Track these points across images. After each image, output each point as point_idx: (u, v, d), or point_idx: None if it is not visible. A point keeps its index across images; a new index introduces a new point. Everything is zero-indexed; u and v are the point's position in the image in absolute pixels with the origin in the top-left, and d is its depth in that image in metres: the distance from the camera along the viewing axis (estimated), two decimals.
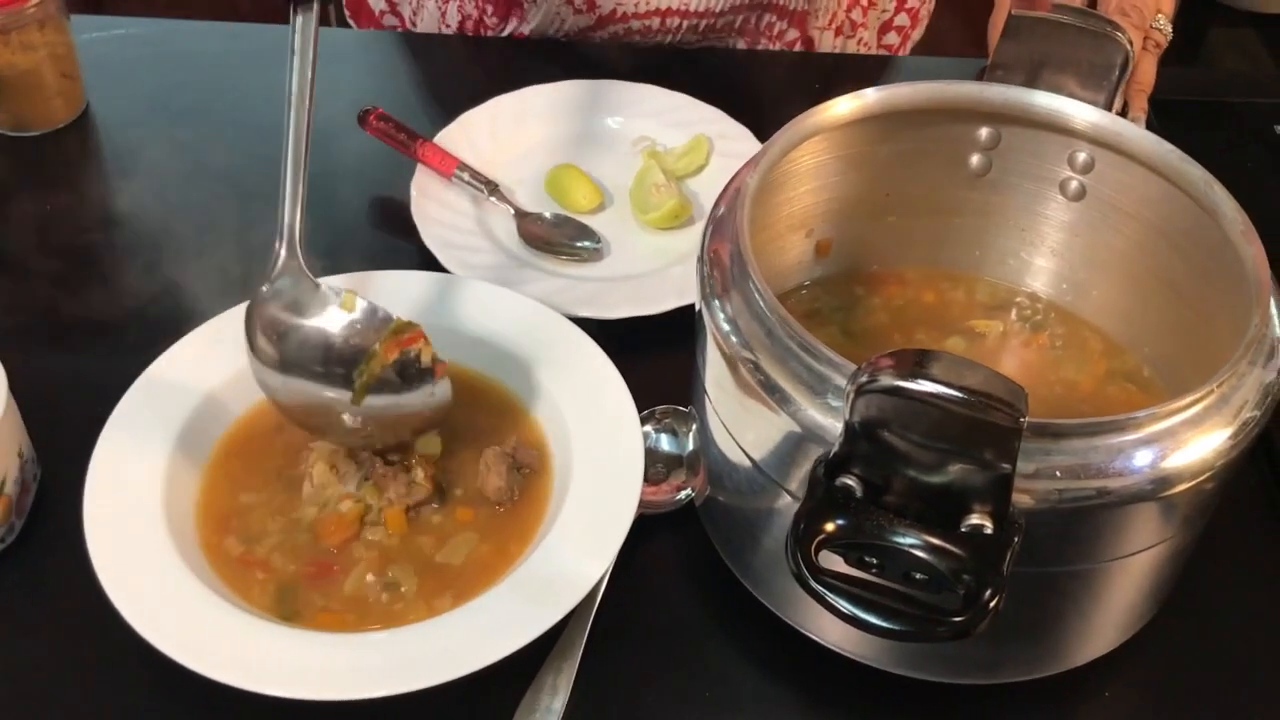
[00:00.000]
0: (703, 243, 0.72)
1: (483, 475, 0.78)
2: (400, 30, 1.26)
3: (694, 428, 0.77)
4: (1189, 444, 0.61)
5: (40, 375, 0.83)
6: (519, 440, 0.80)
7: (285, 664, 0.68)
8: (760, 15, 1.19)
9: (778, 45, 1.22)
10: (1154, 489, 0.61)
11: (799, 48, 1.22)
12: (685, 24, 1.16)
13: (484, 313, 0.85)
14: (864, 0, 1.23)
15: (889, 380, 0.56)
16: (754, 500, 0.70)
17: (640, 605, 0.76)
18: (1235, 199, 0.70)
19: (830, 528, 0.59)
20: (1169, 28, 0.97)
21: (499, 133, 1.04)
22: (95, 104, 1.09)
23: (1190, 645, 0.76)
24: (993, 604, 0.56)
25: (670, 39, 1.17)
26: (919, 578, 0.59)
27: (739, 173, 0.75)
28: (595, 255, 0.96)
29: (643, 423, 0.79)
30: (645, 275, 0.95)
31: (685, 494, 0.80)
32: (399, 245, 0.97)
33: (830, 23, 1.22)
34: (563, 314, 0.86)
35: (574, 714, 0.70)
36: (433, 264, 0.92)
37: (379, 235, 1.00)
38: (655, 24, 1.15)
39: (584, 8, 1.14)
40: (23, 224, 1.00)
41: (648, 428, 0.82)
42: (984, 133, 0.79)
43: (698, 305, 0.71)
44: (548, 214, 0.99)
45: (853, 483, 0.59)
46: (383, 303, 0.77)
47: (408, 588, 0.74)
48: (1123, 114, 0.81)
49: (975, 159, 0.81)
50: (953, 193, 0.82)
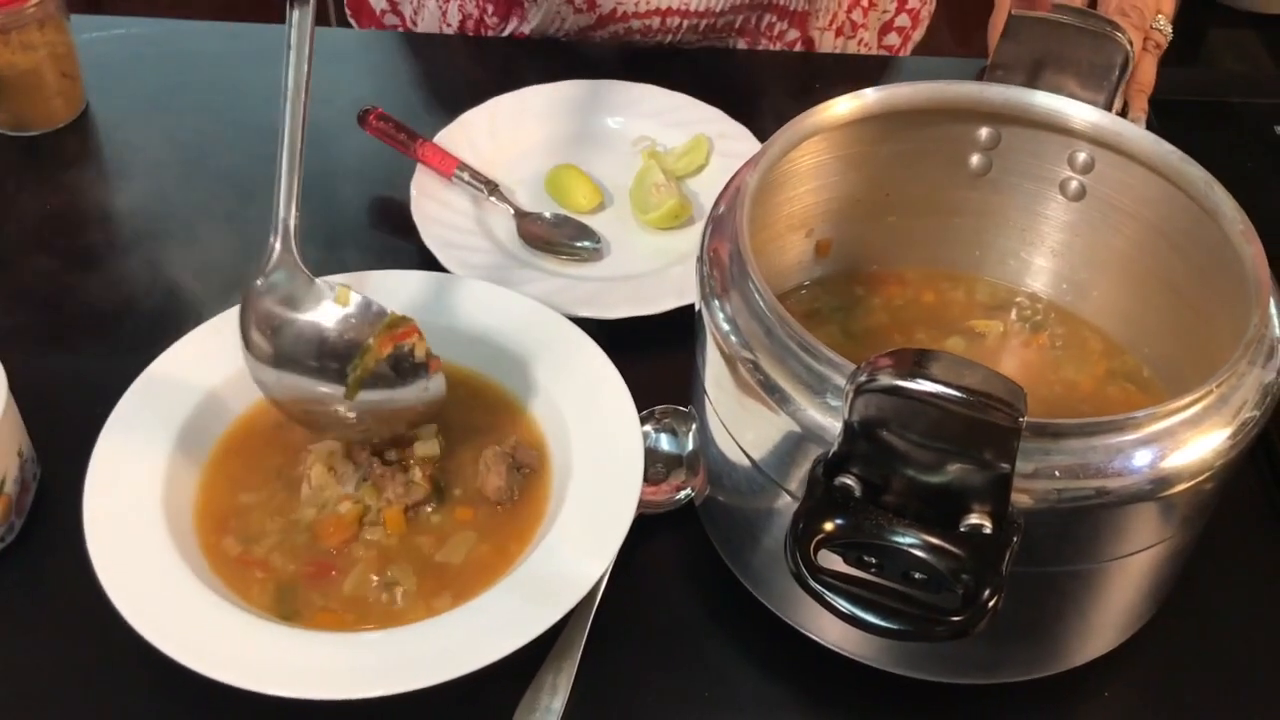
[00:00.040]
0: (702, 242, 0.72)
1: (482, 475, 0.78)
2: (401, 30, 1.26)
3: (693, 427, 0.77)
4: (1188, 444, 0.61)
5: (40, 375, 0.83)
6: (518, 440, 0.80)
7: (285, 663, 0.68)
8: (760, 15, 1.19)
9: (778, 45, 1.22)
10: (1153, 489, 0.61)
11: (799, 48, 1.22)
12: (685, 23, 1.16)
13: (484, 312, 0.85)
14: (865, 1, 1.23)
15: (888, 380, 0.56)
16: (753, 500, 0.70)
17: (640, 605, 0.76)
18: (1235, 199, 0.70)
19: (829, 527, 0.59)
20: (1169, 28, 0.97)
21: (499, 132, 1.04)
22: (95, 104, 1.09)
23: (1190, 645, 0.76)
24: (991, 604, 0.56)
25: (670, 39, 1.17)
26: (918, 577, 0.59)
27: (739, 172, 0.75)
28: (595, 255, 0.96)
29: (642, 422, 0.79)
30: (645, 275, 0.95)
31: (685, 494, 0.80)
32: (399, 245, 0.97)
33: (831, 23, 1.22)
34: (562, 314, 0.86)
35: (574, 713, 0.70)
36: (433, 264, 0.92)
37: (379, 235, 1.00)
38: (655, 23, 1.15)
39: (584, 7, 1.14)
40: (23, 223, 1.00)
41: (647, 427, 0.82)
42: (984, 133, 0.79)
43: (697, 305, 0.71)
44: (547, 214, 0.99)
45: (852, 482, 0.59)
46: (381, 302, 0.77)
47: (407, 587, 0.74)
48: (1123, 114, 0.81)
49: (975, 159, 0.81)
50: (953, 193, 0.82)
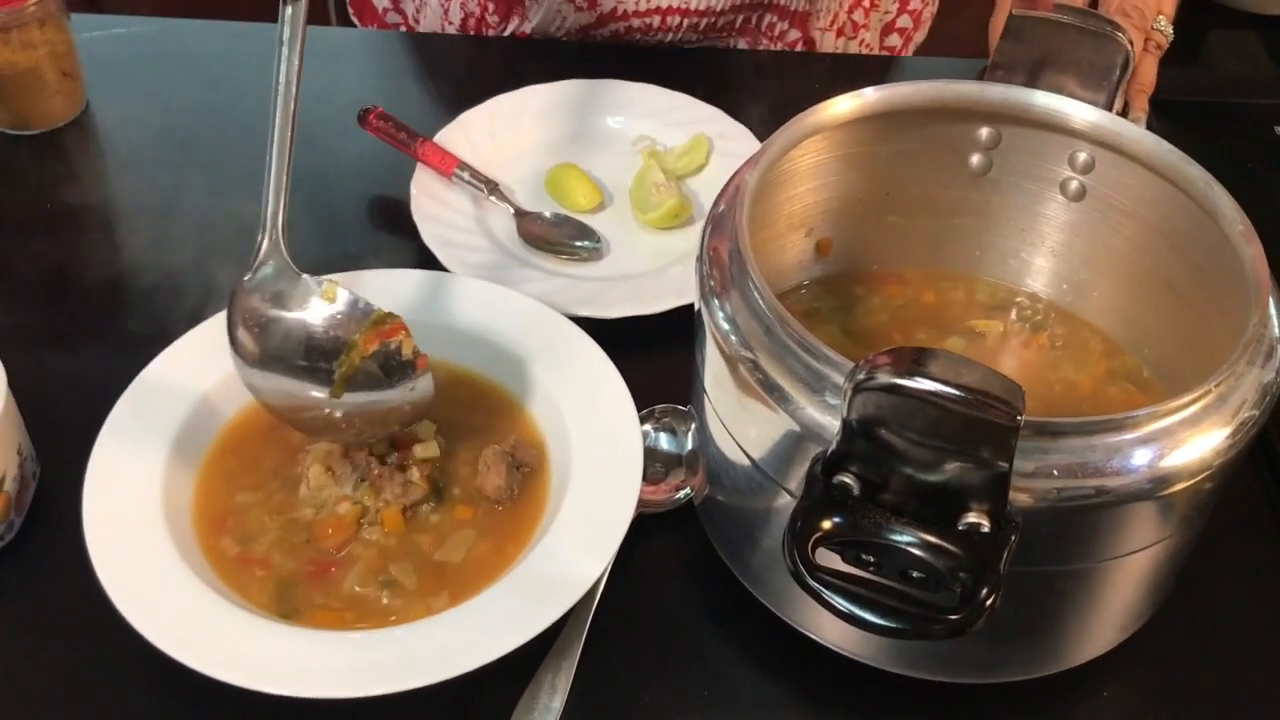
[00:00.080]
0: (702, 241, 0.72)
1: (482, 474, 0.78)
2: (402, 28, 1.26)
3: (693, 427, 0.77)
4: (1187, 443, 0.61)
5: (40, 373, 0.83)
6: (518, 439, 0.80)
7: (284, 662, 0.68)
8: (761, 15, 1.19)
9: (779, 46, 1.22)
10: (1152, 488, 0.61)
11: (800, 48, 1.22)
12: (685, 22, 1.15)
13: (483, 312, 0.85)
14: (866, 1, 1.23)
15: (886, 378, 0.56)
16: (753, 499, 0.70)
17: (639, 604, 0.76)
18: (1235, 199, 0.70)
19: (827, 525, 0.59)
20: (1170, 29, 0.97)
21: (499, 132, 1.04)
22: (95, 103, 1.09)
23: (1189, 645, 0.76)
24: (989, 602, 0.56)
25: (671, 37, 1.17)
26: (916, 576, 0.59)
27: (739, 171, 0.75)
28: (595, 255, 0.96)
29: (642, 422, 0.79)
30: (645, 275, 0.95)
31: (684, 493, 0.80)
32: (399, 244, 0.97)
33: (832, 24, 1.22)
34: (562, 313, 0.86)
35: (573, 712, 0.70)
36: (432, 263, 0.92)
37: (379, 234, 1.00)
38: (655, 22, 1.15)
39: (585, 5, 1.14)
40: (23, 222, 1.00)
41: (647, 427, 0.82)
42: (984, 132, 0.79)
43: (697, 304, 0.71)
44: (547, 213, 0.99)
45: (850, 480, 0.59)
46: (381, 302, 0.77)
47: (407, 586, 0.73)
48: (1124, 114, 0.81)
49: (975, 159, 0.81)
50: (953, 193, 0.82)
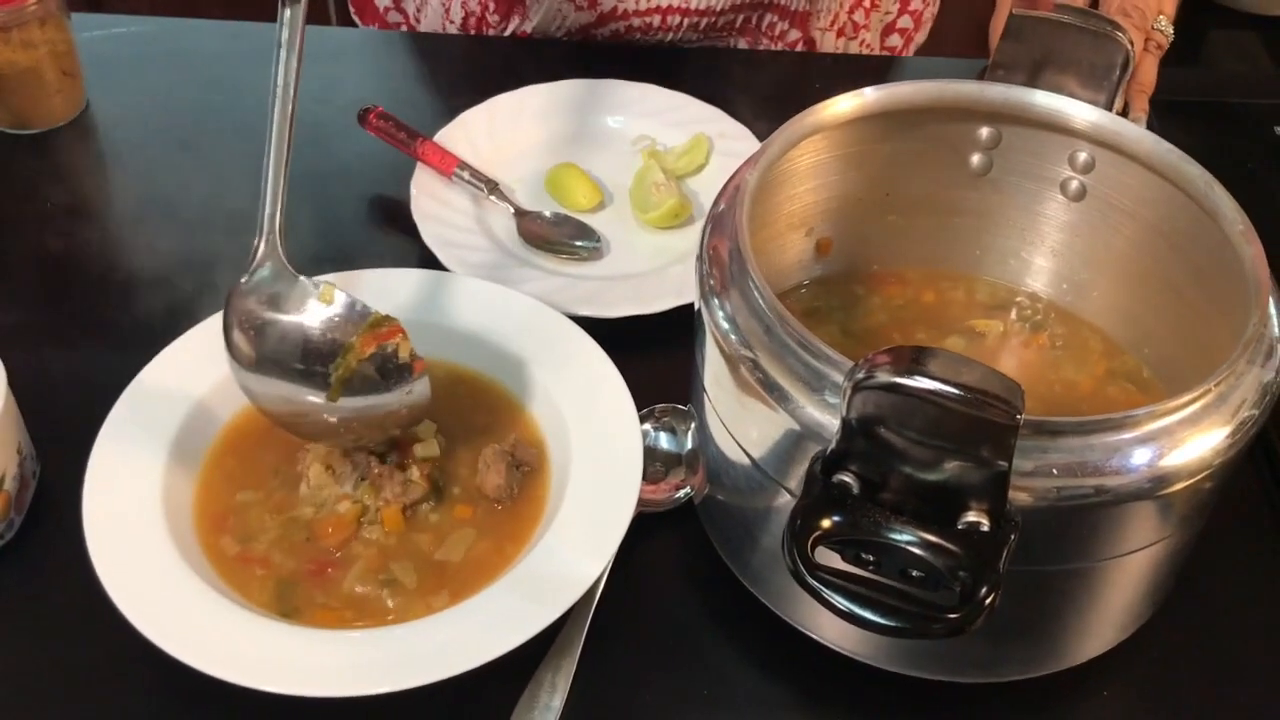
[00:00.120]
0: (702, 240, 0.72)
1: (482, 473, 0.78)
2: (403, 27, 1.26)
3: (693, 426, 0.77)
4: (1187, 442, 0.61)
5: (40, 372, 0.83)
6: (518, 438, 0.80)
7: (284, 661, 0.68)
8: (761, 15, 1.19)
9: (779, 46, 1.22)
10: (1151, 487, 0.61)
11: (801, 48, 1.22)
12: (686, 22, 1.15)
13: (483, 311, 0.85)
14: (866, 2, 1.23)
15: (886, 377, 0.56)
16: (752, 498, 0.70)
17: (639, 603, 0.76)
18: (1235, 199, 0.70)
19: (827, 524, 0.59)
20: (1170, 29, 0.97)
21: (499, 131, 1.04)
22: (95, 102, 1.09)
23: (1189, 645, 0.76)
24: (988, 601, 0.56)
25: (671, 37, 1.17)
26: (915, 575, 0.59)
27: (739, 170, 0.75)
28: (595, 254, 0.96)
29: (642, 421, 0.79)
30: (645, 274, 0.95)
31: (684, 492, 0.80)
32: (399, 244, 0.97)
33: (832, 24, 1.22)
34: (562, 313, 0.86)
35: (573, 711, 0.70)
36: (432, 262, 0.92)
37: (379, 234, 1.00)
38: (656, 21, 1.15)
39: (585, 4, 1.14)
40: (22, 222, 1.00)
41: (647, 426, 0.82)
42: (984, 132, 0.79)
43: (697, 303, 0.71)
44: (547, 213, 0.99)
45: (850, 479, 0.59)
46: (381, 301, 0.77)
47: (407, 585, 0.73)
48: (1124, 114, 0.81)
49: (976, 158, 0.81)
50: (953, 192, 0.82)
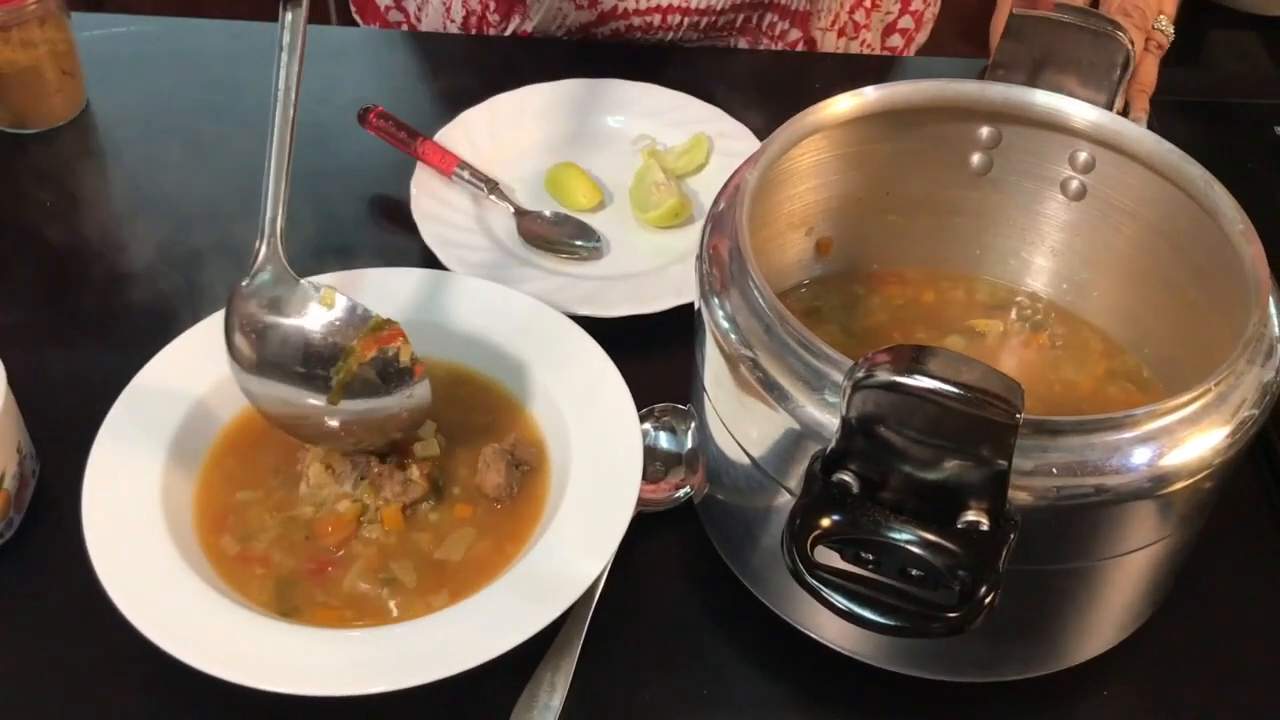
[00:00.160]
0: (702, 240, 0.72)
1: (482, 472, 0.78)
2: (404, 26, 1.26)
3: (693, 425, 0.77)
4: (1187, 442, 0.61)
5: (40, 372, 0.83)
6: (518, 438, 0.80)
7: (284, 660, 0.68)
8: (762, 15, 1.19)
9: (779, 45, 1.22)
10: (1151, 487, 0.61)
11: (801, 48, 1.22)
12: (686, 21, 1.15)
13: (483, 311, 0.85)
14: (867, 2, 1.23)
15: (885, 376, 0.56)
16: (752, 498, 0.70)
17: (638, 603, 0.76)
18: (1235, 199, 0.70)
19: (826, 523, 0.58)
20: (1171, 29, 0.97)
21: (499, 131, 1.04)
22: (95, 101, 1.09)
23: (1189, 644, 0.76)
24: (988, 600, 0.56)
25: (671, 36, 1.17)
26: (915, 574, 0.59)
27: (739, 169, 0.75)
28: (595, 254, 0.96)
29: (641, 420, 0.79)
30: (645, 274, 0.95)
31: (684, 492, 0.80)
32: (399, 243, 0.97)
33: (833, 24, 1.22)
34: (562, 312, 0.86)
35: (572, 711, 0.70)
36: (432, 262, 0.92)
37: (379, 233, 1.00)
38: (656, 20, 1.15)
39: (585, 4, 1.14)
40: (22, 221, 1.00)
41: (646, 425, 0.82)
42: (985, 132, 0.79)
43: (697, 303, 0.71)
44: (547, 212, 0.99)
45: (849, 478, 0.59)
46: (381, 301, 0.77)
47: (407, 584, 0.73)
48: (1124, 114, 0.81)
49: (976, 158, 0.81)
50: (953, 192, 0.82)
